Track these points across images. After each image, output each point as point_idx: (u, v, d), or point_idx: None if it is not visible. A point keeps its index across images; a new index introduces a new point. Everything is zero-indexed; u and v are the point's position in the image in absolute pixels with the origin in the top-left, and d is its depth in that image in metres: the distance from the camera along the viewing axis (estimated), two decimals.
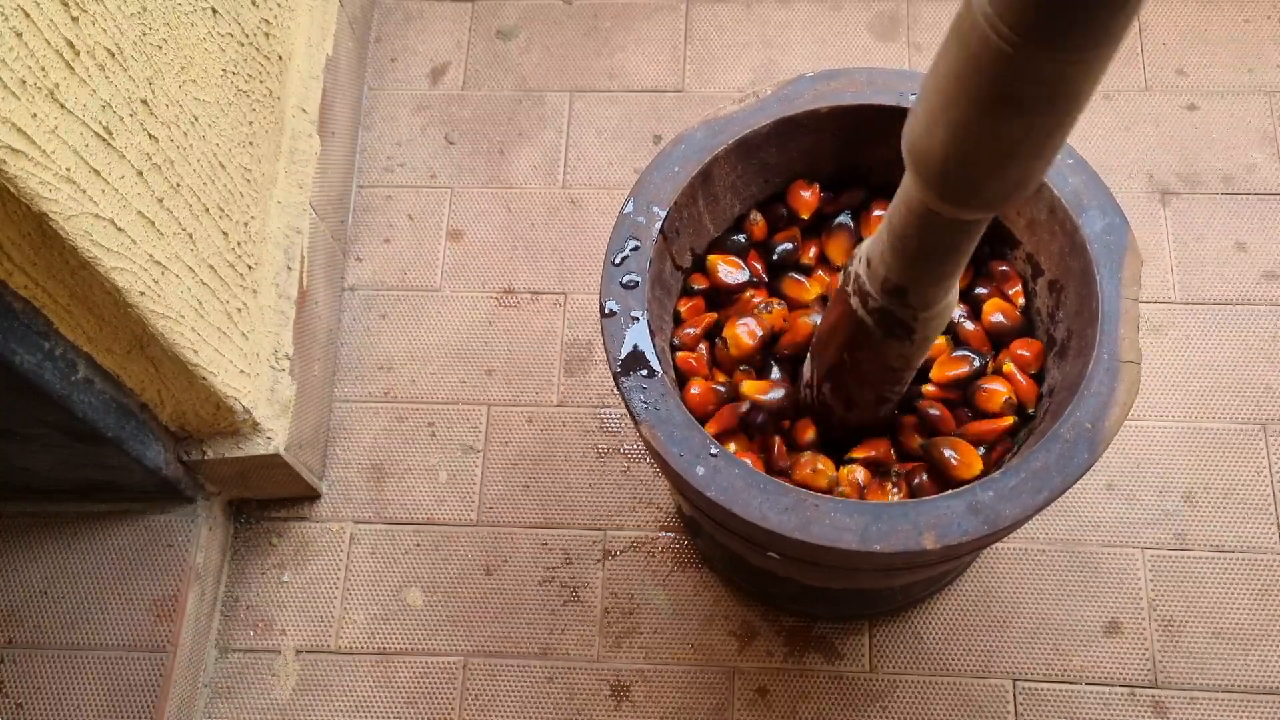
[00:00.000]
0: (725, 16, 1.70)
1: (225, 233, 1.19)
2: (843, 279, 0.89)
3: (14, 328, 0.97)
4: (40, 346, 1.01)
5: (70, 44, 0.89)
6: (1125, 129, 1.58)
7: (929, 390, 1.03)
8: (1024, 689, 1.29)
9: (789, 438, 1.03)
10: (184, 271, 1.10)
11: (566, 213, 1.59)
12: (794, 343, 1.05)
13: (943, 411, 1.01)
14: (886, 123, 1.03)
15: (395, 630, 1.37)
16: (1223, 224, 1.51)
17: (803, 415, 1.04)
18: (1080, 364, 0.92)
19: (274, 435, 1.29)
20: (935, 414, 1.01)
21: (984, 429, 1.00)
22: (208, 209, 1.15)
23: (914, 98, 1.02)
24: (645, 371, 0.94)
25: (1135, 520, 1.36)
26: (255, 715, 1.34)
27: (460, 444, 1.46)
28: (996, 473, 0.88)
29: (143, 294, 1.02)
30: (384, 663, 1.35)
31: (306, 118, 1.43)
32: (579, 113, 1.65)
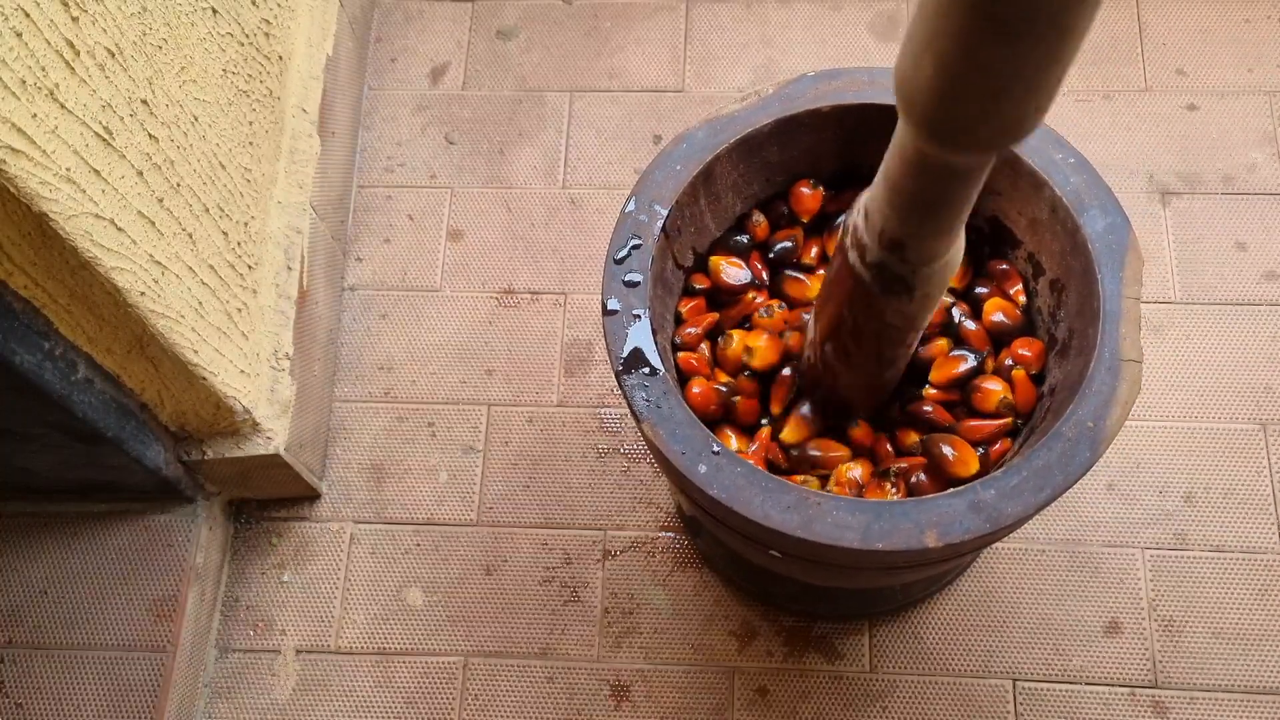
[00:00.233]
0: (725, 16, 1.70)
1: (225, 233, 1.19)
2: (841, 232, 0.86)
3: (14, 328, 0.97)
4: (40, 346, 1.01)
5: (70, 44, 0.89)
6: (1125, 129, 1.58)
7: (930, 394, 1.03)
8: (1024, 689, 1.29)
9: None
10: (184, 271, 1.09)
11: (566, 213, 1.59)
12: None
13: (939, 411, 1.01)
14: (888, 122, 1.02)
15: (395, 630, 1.37)
16: (1223, 224, 1.51)
17: (807, 379, 1.03)
18: (1081, 363, 0.92)
19: (274, 435, 1.29)
20: (930, 411, 1.01)
21: (980, 430, 1.00)
22: (208, 209, 1.15)
23: None
24: (647, 370, 0.94)
25: (1135, 520, 1.36)
26: (255, 715, 1.34)
27: (460, 444, 1.46)
28: (998, 471, 0.88)
29: (143, 294, 1.02)
30: (384, 663, 1.35)
31: (306, 118, 1.43)
32: (579, 113, 1.65)
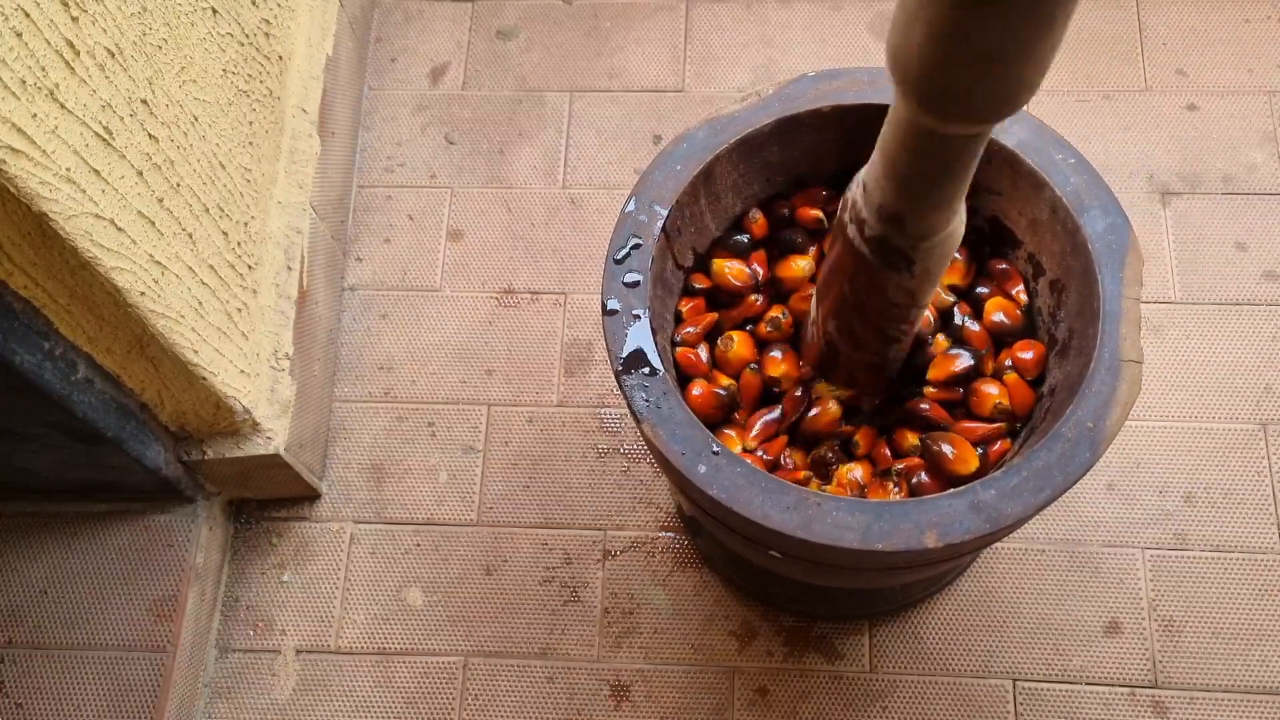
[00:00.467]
0: (725, 16, 1.70)
1: (225, 233, 1.19)
2: (841, 206, 0.86)
3: (14, 328, 0.97)
4: (40, 346, 1.01)
5: (70, 44, 0.89)
6: (1125, 129, 1.58)
7: (930, 392, 1.03)
8: (1024, 689, 1.29)
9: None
10: (184, 271, 1.09)
11: (566, 213, 1.59)
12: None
13: (936, 410, 1.01)
14: None
15: (395, 630, 1.37)
16: (1223, 224, 1.51)
17: (810, 357, 1.03)
18: (1081, 363, 0.92)
19: (274, 435, 1.29)
20: (928, 409, 1.01)
21: (974, 432, 1.00)
22: (208, 209, 1.15)
23: None
24: (647, 370, 0.94)
25: (1135, 520, 1.36)
26: (255, 715, 1.34)
27: (460, 444, 1.46)
28: (998, 471, 0.88)
29: (143, 294, 1.02)
30: (384, 663, 1.35)
31: (306, 118, 1.43)
32: (579, 113, 1.65)
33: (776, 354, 1.05)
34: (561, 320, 1.52)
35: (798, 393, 1.04)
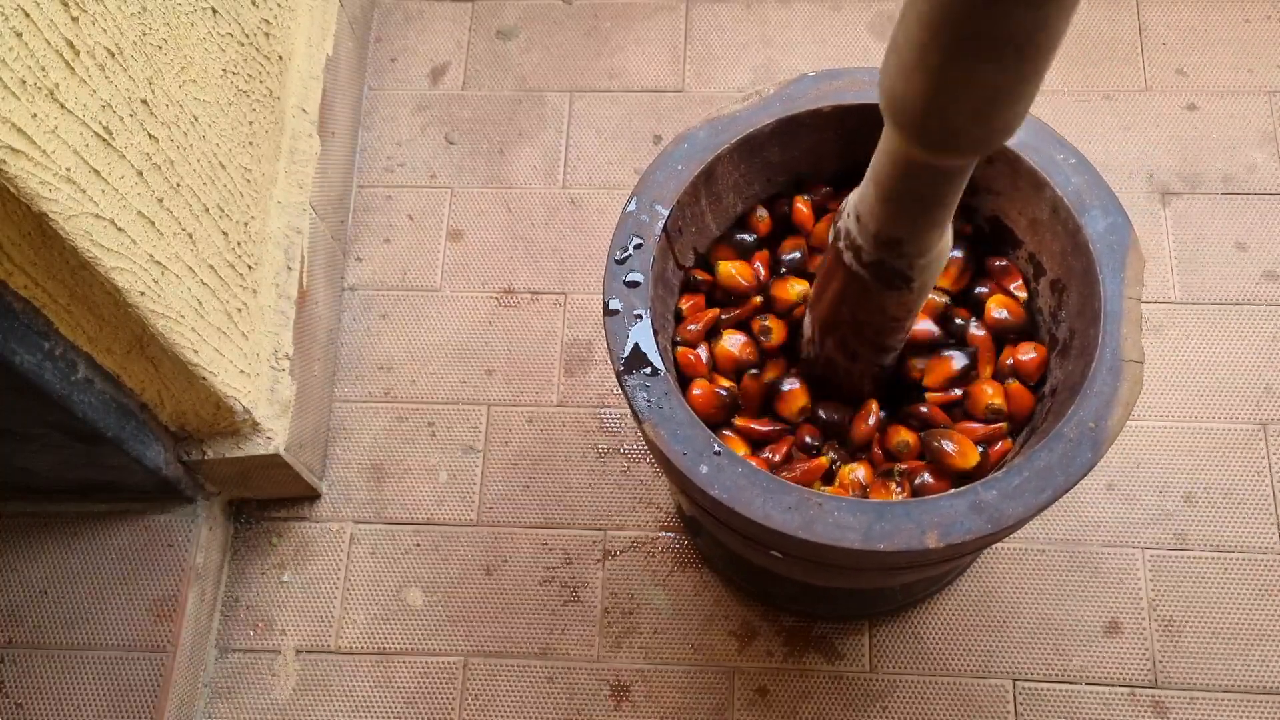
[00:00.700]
0: (725, 16, 1.70)
1: (225, 233, 1.19)
2: (833, 234, 0.88)
3: (14, 328, 0.97)
4: (40, 346, 1.01)
5: (70, 44, 0.89)
6: (1125, 129, 1.58)
7: (932, 396, 1.03)
8: (1024, 689, 1.29)
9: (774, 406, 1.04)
10: (184, 271, 1.09)
11: (566, 213, 1.59)
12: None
13: (935, 410, 1.01)
14: None
15: (395, 630, 1.37)
16: (1223, 224, 1.51)
17: (804, 371, 1.04)
18: (1083, 363, 0.92)
19: (274, 435, 1.29)
20: (926, 411, 1.01)
21: (973, 433, 1.00)
22: (208, 209, 1.15)
23: None
24: (648, 370, 0.94)
25: (1135, 520, 1.36)
26: (255, 715, 1.34)
27: (460, 444, 1.46)
28: (999, 471, 0.88)
29: (143, 294, 1.02)
30: (384, 663, 1.35)
31: (306, 118, 1.43)
32: (579, 113, 1.65)
33: (794, 386, 1.05)
34: (561, 320, 1.52)
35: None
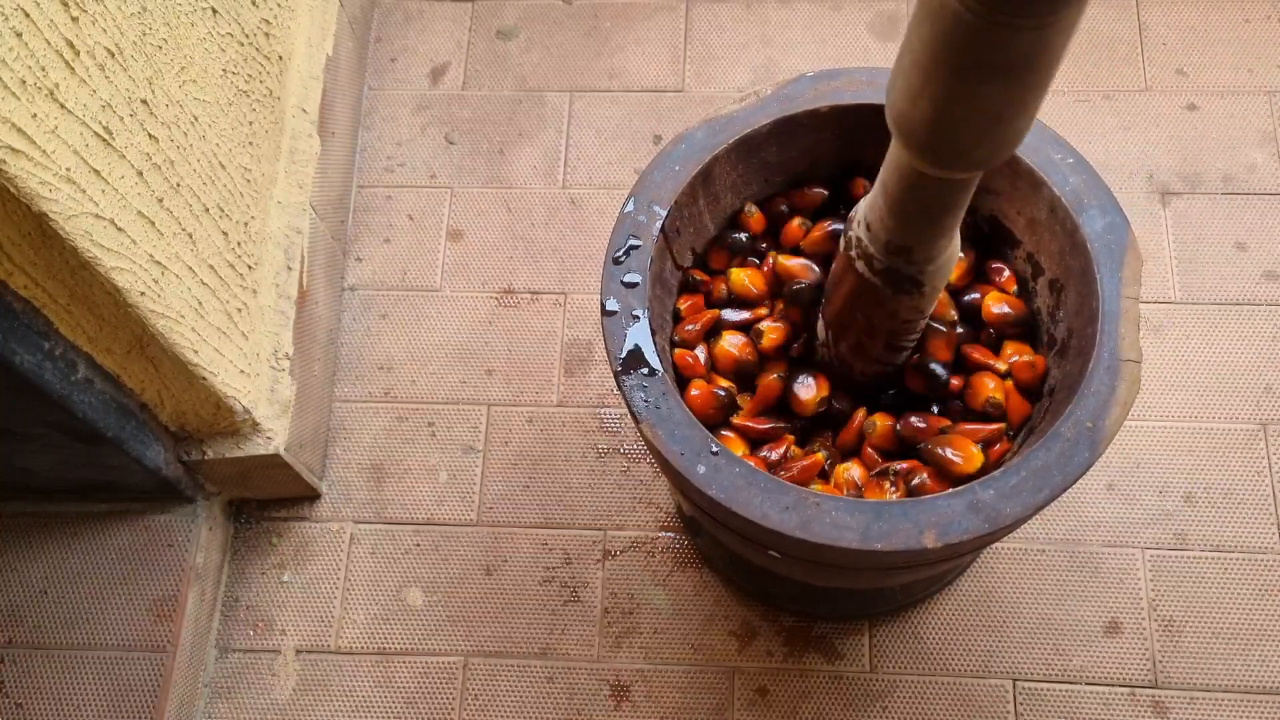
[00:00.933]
0: (725, 16, 1.70)
1: (225, 233, 1.19)
2: (844, 244, 0.91)
3: (14, 328, 0.97)
4: (40, 346, 1.01)
5: (70, 44, 0.89)
6: (1125, 129, 1.58)
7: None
8: (1024, 689, 1.29)
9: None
10: (184, 271, 1.10)
11: (566, 213, 1.59)
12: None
13: (934, 422, 1.01)
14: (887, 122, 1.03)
15: (395, 630, 1.37)
16: (1223, 224, 1.51)
17: (819, 371, 1.05)
18: (1081, 363, 0.92)
19: (274, 435, 1.29)
20: (925, 426, 1.01)
21: (977, 432, 1.00)
22: (208, 209, 1.15)
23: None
24: (646, 370, 0.94)
25: (1135, 520, 1.36)
26: (255, 715, 1.34)
27: (460, 444, 1.46)
28: (997, 471, 0.88)
29: (143, 294, 1.02)
30: (384, 663, 1.35)
31: (306, 118, 1.43)
32: (579, 113, 1.65)
33: (809, 382, 1.05)
34: (561, 320, 1.52)
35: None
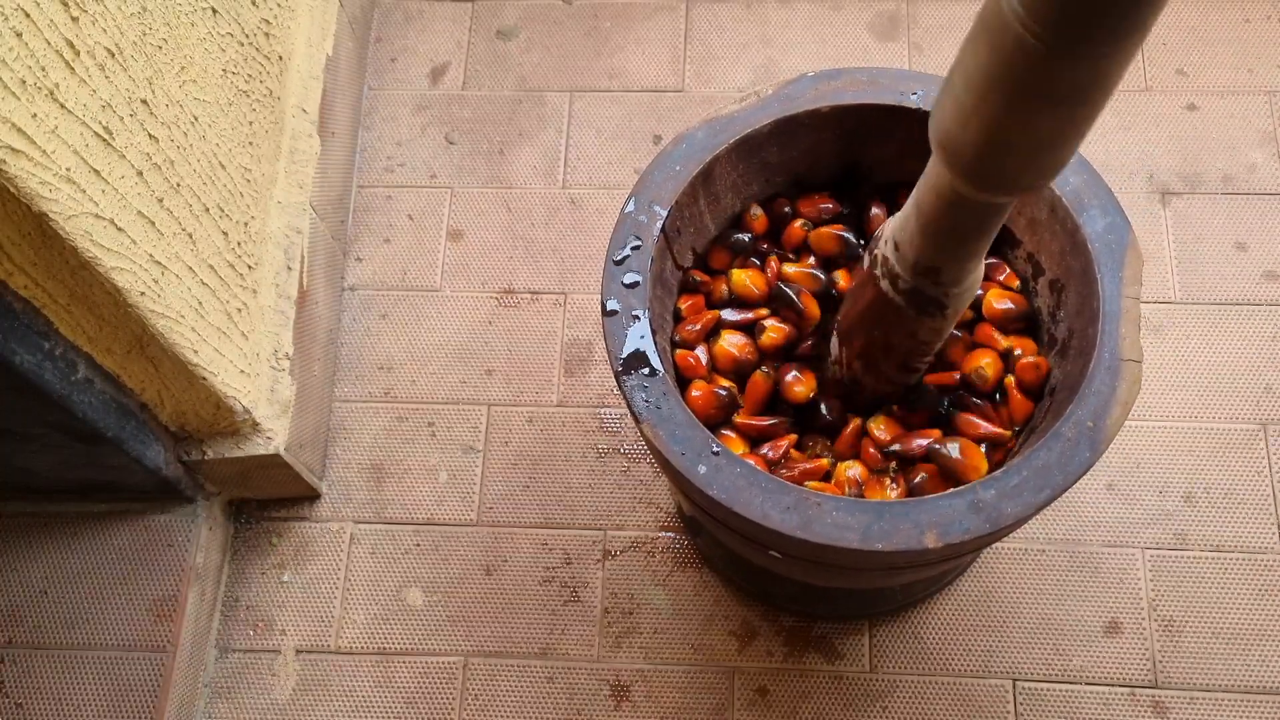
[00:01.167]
0: (725, 16, 1.70)
1: (225, 233, 1.19)
2: (869, 262, 0.90)
3: (14, 328, 0.97)
4: (40, 346, 1.01)
5: (70, 44, 0.89)
6: (1125, 129, 1.58)
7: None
8: (1024, 689, 1.29)
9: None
10: (184, 271, 1.09)
11: (566, 213, 1.59)
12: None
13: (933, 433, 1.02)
14: (888, 122, 1.03)
15: (395, 630, 1.37)
16: (1223, 224, 1.51)
17: (830, 391, 1.05)
18: (1081, 363, 0.92)
19: (274, 435, 1.29)
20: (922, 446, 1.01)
21: (979, 428, 1.00)
22: (208, 209, 1.15)
23: (915, 97, 1.02)
24: (647, 370, 0.94)
25: (1135, 520, 1.36)
26: (255, 715, 1.34)
27: (460, 444, 1.46)
28: (998, 471, 0.88)
29: (143, 294, 1.02)
30: (384, 663, 1.35)
31: (306, 118, 1.43)
32: (579, 113, 1.65)
33: (797, 374, 1.05)
34: (561, 320, 1.52)
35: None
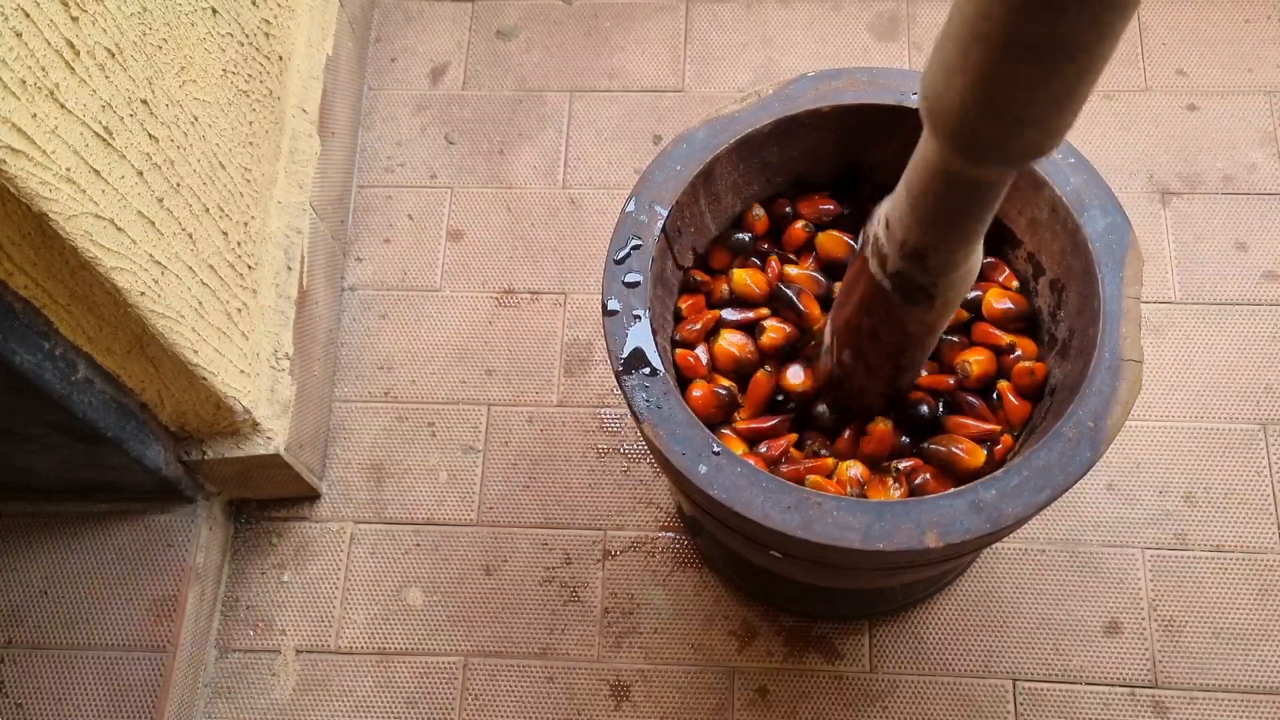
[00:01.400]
0: (725, 16, 1.70)
1: (225, 233, 1.19)
2: (861, 241, 0.87)
3: (14, 328, 0.97)
4: (40, 346, 1.01)
5: (70, 44, 0.89)
6: (1125, 129, 1.58)
7: (923, 379, 1.03)
8: (1024, 689, 1.29)
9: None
10: (184, 271, 1.09)
11: (566, 213, 1.59)
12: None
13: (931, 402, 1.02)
14: (889, 122, 1.03)
15: (395, 630, 1.37)
16: (1223, 224, 1.51)
17: (822, 383, 1.03)
18: (1082, 363, 0.92)
19: (274, 435, 1.29)
20: (925, 413, 1.01)
21: (972, 428, 1.00)
22: (208, 209, 1.15)
23: (915, 97, 1.02)
24: (647, 370, 0.94)
25: (1135, 520, 1.36)
26: (255, 715, 1.34)
27: (460, 444, 1.46)
28: (999, 471, 0.88)
29: (143, 294, 1.02)
30: (384, 663, 1.35)
31: (306, 118, 1.43)
32: (579, 113, 1.65)
33: (797, 369, 1.04)
34: (561, 320, 1.52)
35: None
